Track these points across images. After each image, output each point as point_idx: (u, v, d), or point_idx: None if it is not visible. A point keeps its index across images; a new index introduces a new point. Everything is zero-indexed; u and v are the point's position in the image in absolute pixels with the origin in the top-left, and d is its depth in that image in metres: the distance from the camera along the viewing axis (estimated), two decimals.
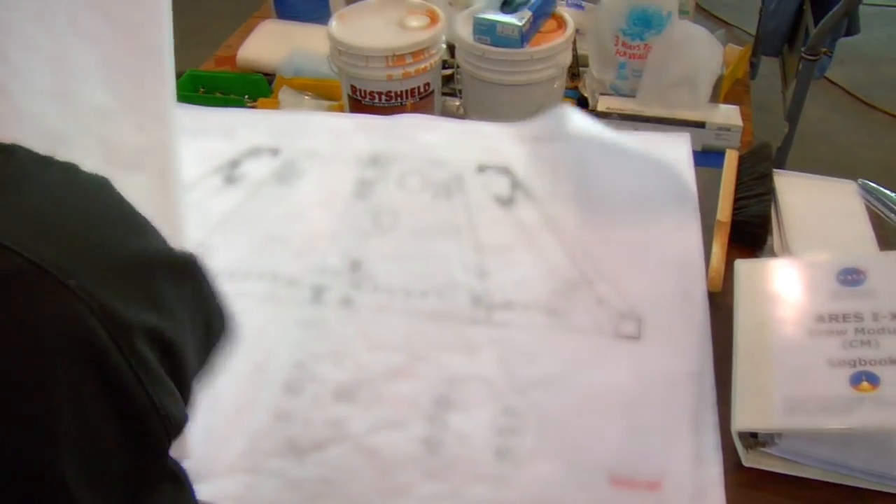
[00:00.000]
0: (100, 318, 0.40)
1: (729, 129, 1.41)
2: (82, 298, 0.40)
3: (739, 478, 0.85)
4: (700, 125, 1.41)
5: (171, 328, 0.46)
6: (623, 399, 0.90)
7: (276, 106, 1.52)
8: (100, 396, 0.41)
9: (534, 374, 0.93)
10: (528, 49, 1.37)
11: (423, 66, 1.40)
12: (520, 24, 1.34)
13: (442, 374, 0.93)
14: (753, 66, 1.85)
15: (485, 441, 0.87)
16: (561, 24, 1.44)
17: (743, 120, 1.43)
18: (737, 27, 3.02)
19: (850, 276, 0.91)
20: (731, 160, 1.15)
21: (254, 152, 1.21)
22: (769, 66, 2.20)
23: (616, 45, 1.47)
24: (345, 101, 1.50)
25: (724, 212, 1.07)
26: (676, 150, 1.18)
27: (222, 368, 0.60)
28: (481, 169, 1.16)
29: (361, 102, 1.45)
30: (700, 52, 1.41)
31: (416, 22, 1.43)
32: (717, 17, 3.18)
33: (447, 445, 0.87)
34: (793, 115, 1.89)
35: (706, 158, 1.37)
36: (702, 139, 1.42)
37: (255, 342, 0.96)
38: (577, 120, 1.19)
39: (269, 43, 1.69)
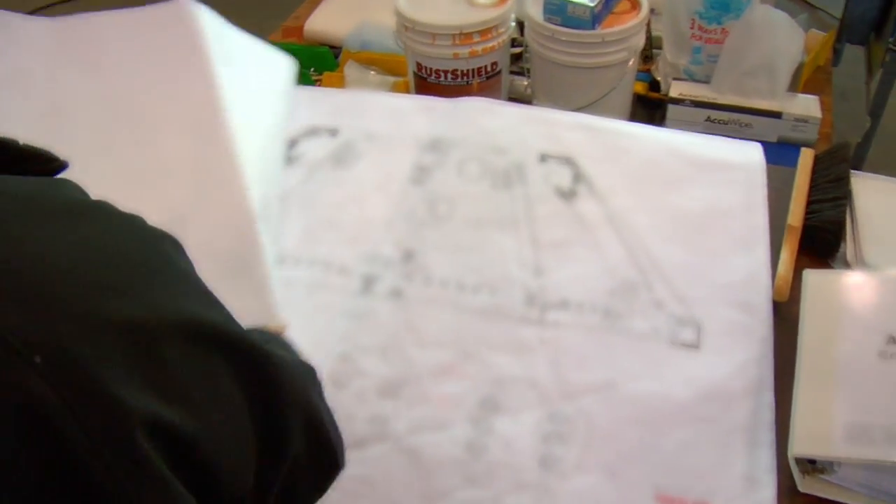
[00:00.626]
0: (58, 391, 0.36)
1: (807, 121, 1.33)
2: (35, 366, 0.35)
3: (794, 503, 0.81)
4: (776, 115, 1.33)
5: (178, 412, 0.41)
6: (676, 411, 0.86)
7: (341, 80, 1.49)
8: (46, 476, 0.36)
9: (585, 379, 0.89)
10: (600, 31, 1.31)
11: (490, 45, 1.35)
12: (591, 4, 1.28)
13: (490, 375, 0.90)
14: (837, 53, 1.74)
15: (529, 448, 0.84)
16: (635, 4, 1.37)
17: (823, 110, 1.35)
18: (822, 10, 2.86)
19: None
20: (805, 160, 1.08)
21: (312, 132, 1.18)
22: (854, 51, 2.09)
23: (692, 28, 1.40)
24: (410, 79, 1.46)
25: (795, 216, 1.01)
26: (749, 158, 1.11)
27: None
28: (543, 158, 1.12)
29: (427, 80, 1.41)
30: (780, 39, 1.33)
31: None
32: (803, 1, 3.03)
33: (490, 450, 0.84)
34: (876, 110, 1.78)
35: (781, 150, 1.30)
36: (778, 130, 1.34)
37: (301, 331, 0.93)
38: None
39: (337, 14, 1.65)
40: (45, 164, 0.50)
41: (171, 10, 1.08)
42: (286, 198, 1.09)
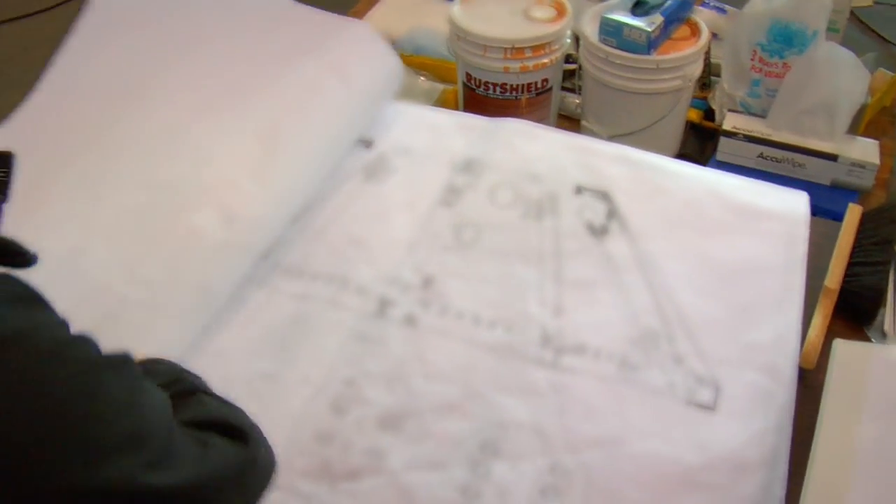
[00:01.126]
0: None
1: (864, 166, 1.26)
2: None
3: None
4: (832, 158, 1.27)
5: None
6: (682, 477, 0.82)
7: None
8: None
9: (591, 431, 0.85)
10: (655, 57, 1.25)
11: (542, 61, 1.31)
12: (649, 29, 1.23)
13: (494, 417, 0.86)
14: None
15: (525, 499, 0.81)
16: (695, 31, 1.31)
17: (883, 155, 1.28)
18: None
19: None
20: (851, 218, 1.02)
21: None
22: None
23: (752, 59, 1.33)
24: (459, 88, 1.42)
25: (833, 277, 0.96)
26: (793, 210, 1.05)
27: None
28: (579, 190, 1.07)
29: (475, 91, 1.37)
30: (843, 78, 1.26)
31: (541, 13, 1.33)
32: (876, 33, 2.88)
33: (484, 497, 0.81)
34: None
35: (833, 195, 1.24)
36: (832, 173, 1.28)
37: (310, 351, 0.92)
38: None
39: (395, 15, 1.62)
40: (13, 258, 0.52)
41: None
42: (312, 209, 1.06)
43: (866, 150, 1.28)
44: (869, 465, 0.76)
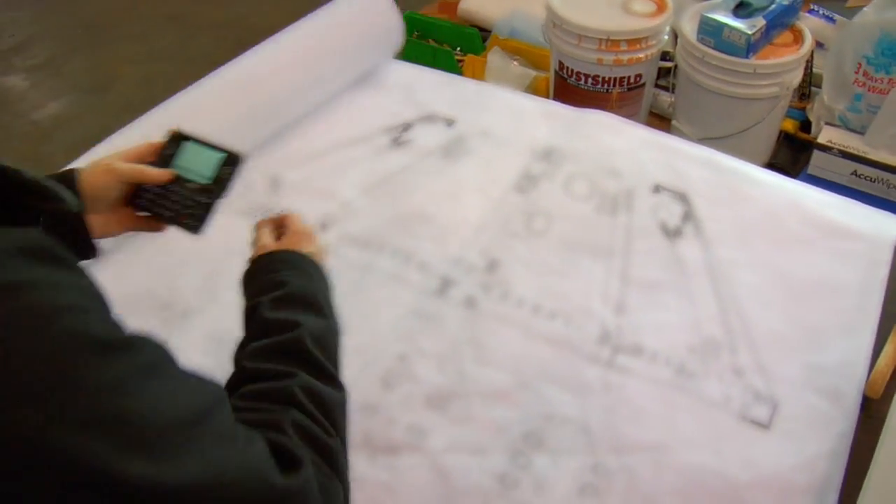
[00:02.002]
0: None
1: None
2: None
3: None
4: None
5: None
6: (726, 493, 0.78)
7: (483, 65, 1.44)
8: None
9: (639, 435, 0.82)
10: (753, 61, 1.21)
11: (637, 55, 1.27)
12: (749, 32, 1.18)
13: (542, 409, 0.84)
14: None
15: (562, 496, 0.79)
16: (798, 38, 1.26)
17: None
18: None
19: None
20: None
21: (429, 119, 1.14)
22: None
23: (857, 72, 1.27)
24: (551, 76, 1.39)
25: None
26: (879, 231, 1.00)
27: None
28: (657, 189, 1.04)
29: (567, 81, 1.34)
30: None
31: (640, 7, 1.30)
32: None
33: (522, 488, 0.79)
34: None
35: None
36: None
37: (367, 322, 0.91)
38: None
39: None
40: (54, 203, 0.52)
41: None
42: (386, 181, 1.06)
43: None
44: None
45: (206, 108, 1.06)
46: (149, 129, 0.99)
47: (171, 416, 0.48)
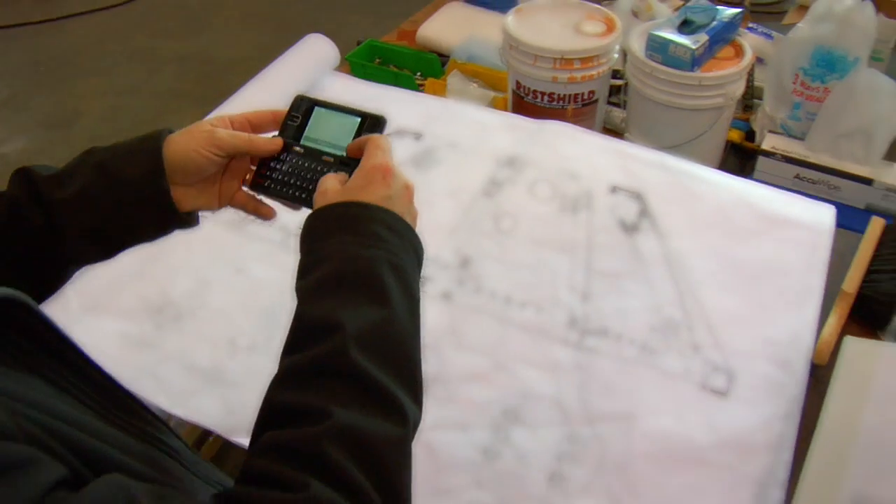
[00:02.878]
0: None
1: None
2: None
3: None
4: (867, 182, 1.33)
5: None
6: (690, 454, 0.88)
7: (443, 88, 1.55)
8: None
9: (608, 406, 0.92)
10: (699, 74, 1.33)
11: (589, 73, 1.39)
12: (693, 47, 1.30)
13: (518, 387, 0.94)
14: None
15: (541, 463, 0.88)
16: (739, 52, 1.38)
17: None
18: None
19: None
20: (874, 229, 1.09)
21: (398, 133, 1.24)
22: None
23: (794, 83, 1.40)
24: (509, 95, 1.50)
25: (851, 282, 1.02)
26: (819, 220, 1.12)
27: None
28: (614, 190, 1.15)
29: (524, 99, 1.45)
30: (882, 105, 1.32)
31: (591, 27, 1.42)
32: None
33: (504, 458, 0.88)
34: None
35: (867, 219, 1.29)
36: (867, 197, 1.33)
37: None
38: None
39: (450, 24, 1.72)
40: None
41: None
42: None
43: None
44: (867, 449, 0.82)
45: None
46: None
47: None
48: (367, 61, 1.61)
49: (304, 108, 0.72)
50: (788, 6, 1.82)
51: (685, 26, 1.35)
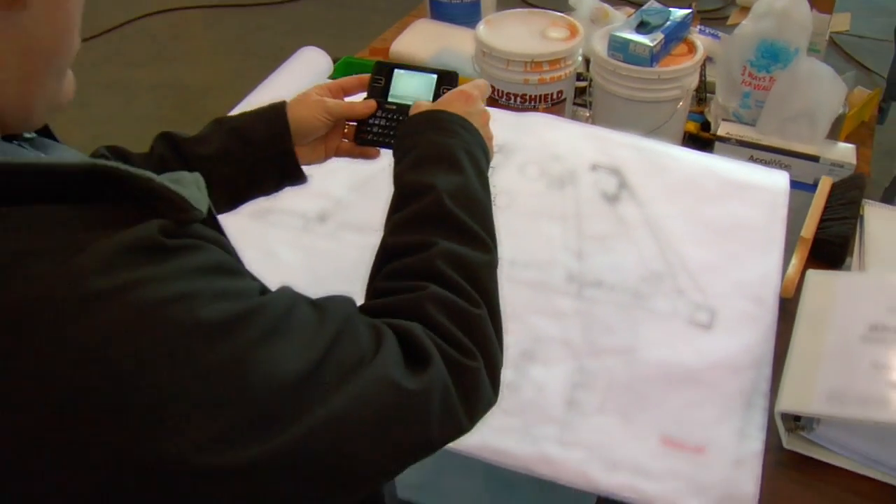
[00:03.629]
0: None
1: (842, 166, 1.53)
2: None
3: (779, 457, 1.00)
4: (814, 159, 1.54)
5: None
6: (685, 375, 1.07)
7: None
8: None
9: (610, 343, 1.10)
10: (657, 69, 1.54)
11: (558, 74, 1.59)
12: (651, 44, 1.51)
13: (531, 333, 1.12)
14: (882, 112, 1.96)
15: (558, 392, 1.05)
16: (692, 49, 1.60)
17: (861, 161, 1.55)
18: (876, 73, 3.10)
19: None
20: (824, 186, 1.30)
21: None
22: None
23: (743, 74, 1.62)
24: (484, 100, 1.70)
25: (808, 229, 1.22)
26: (776, 183, 1.33)
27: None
28: (594, 168, 1.35)
29: (499, 102, 1.64)
30: (822, 90, 1.54)
31: (556, 33, 1.62)
32: (856, 61, 3.25)
33: (524, 391, 1.05)
34: None
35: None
36: (815, 172, 1.54)
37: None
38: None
39: (421, 40, 1.91)
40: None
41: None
42: (370, 179, 1.33)
43: (844, 152, 1.56)
44: (833, 355, 1.01)
45: None
46: None
47: (295, 372, 0.52)
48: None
49: (385, 71, 0.92)
50: (730, 10, 2.07)
51: (642, 27, 1.57)
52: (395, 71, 0.93)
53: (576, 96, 1.75)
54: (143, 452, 0.45)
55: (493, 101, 1.65)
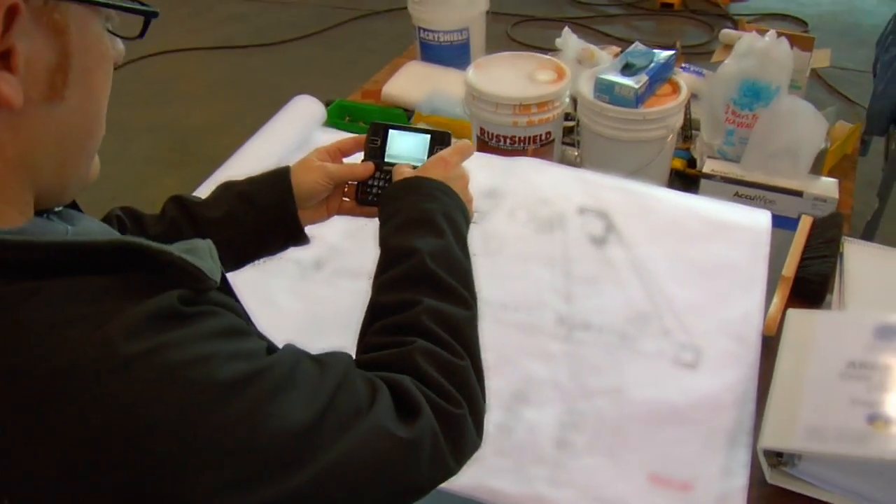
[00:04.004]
0: None
1: (825, 201, 1.60)
2: None
3: (762, 492, 1.06)
4: (798, 194, 1.61)
5: None
6: (672, 414, 1.13)
7: None
8: None
9: (598, 384, 1.17)
10: (642, 110, 1.60)
11: (546, 116, 1.66)
12: (636, 86, 1.58)
13: (522, 375, 1.18)
14: (864, 144, 2.03)
15: (549, 433, 1.11)
16: (676, 89, 1.67)
17: (844, 194, 1.61)
18: (858, 104, 3.18)
19: (886, 333, 1.11)
20: (804, 225, 1.37)
21: None
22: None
23: (727, 112, 1.69)
24: (474, 142, 1.77)
25: (789, 268, 1.29)
26: (757, 222, 1.40)
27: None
28: (581, 211, 1.41)
29: (488, 144, 1.71)
30: (804, 126, 1.61)
31: (543, 76, 1.69)
32: (838, 93, 3.33)
33: (517, 431, 1.12)
34: (881, 193, 2.08)
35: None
36: (799, 207, 1.61)
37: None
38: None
39: (412, 82, 1.99)
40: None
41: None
42: (363, 227, 1.39)
43: (827, 187, 1.62)
44: (813, 392, 1.08)
45: None
46: None
47: (302, 422, 0.58)
48: (338, 119, 1.86)
49: (380, 132, 1.00)
50: (714, 46, 2.14)
51: (627, 69, 1.64)
52: (390, 132, 1.00)
53: (564, 135, 1.82)
54: (165, 496, 0.51)
55: (482, 143, 1.72)
